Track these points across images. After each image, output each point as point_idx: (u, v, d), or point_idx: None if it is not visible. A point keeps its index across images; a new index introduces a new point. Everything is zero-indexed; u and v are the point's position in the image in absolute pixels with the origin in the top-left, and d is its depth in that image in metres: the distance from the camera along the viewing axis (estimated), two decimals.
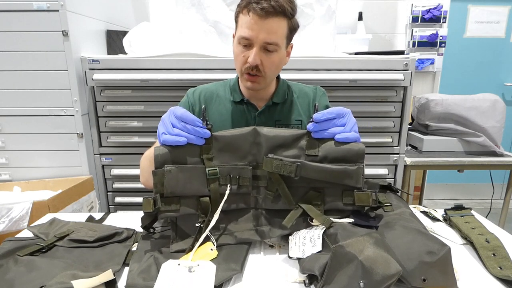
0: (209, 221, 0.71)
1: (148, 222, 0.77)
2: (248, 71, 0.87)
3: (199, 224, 0.72)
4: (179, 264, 0.64)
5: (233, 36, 0.92)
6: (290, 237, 0.72)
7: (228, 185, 0.74)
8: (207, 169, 0.73)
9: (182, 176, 0.72)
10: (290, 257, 0.69)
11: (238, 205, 0.76)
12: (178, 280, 0.60)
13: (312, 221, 0.72)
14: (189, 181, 0.72)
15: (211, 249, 0.70)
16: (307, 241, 0.68)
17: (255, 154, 0.75)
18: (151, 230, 0.80)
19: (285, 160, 0.72)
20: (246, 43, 0.84)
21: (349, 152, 0.73)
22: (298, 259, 0.67)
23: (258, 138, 0.75)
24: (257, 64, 0.84)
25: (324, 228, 0.68)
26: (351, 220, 0.71)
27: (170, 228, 0.75)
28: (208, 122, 0.74)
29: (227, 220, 0.76)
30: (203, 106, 0.77)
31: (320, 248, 0.65)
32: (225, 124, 0.98)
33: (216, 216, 0.71)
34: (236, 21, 0.88)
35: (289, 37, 0.89)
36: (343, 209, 0.74)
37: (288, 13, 0.82)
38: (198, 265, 0.63)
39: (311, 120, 0.74)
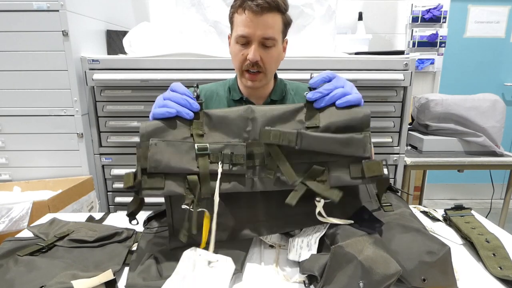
0: (198, 200, 0.65)
1: (134, 208, 0.71)
2: (248, 68, 0.88)
3: (186, 207, 0.64)
4: (200, 255, 0.62)
5: (229, 38, 0.93)
6: (290, 239, 0.72)
7: (220, 163, 0.67)
8: (196, 145, 0.67)
9: (168, 150, 0.65)
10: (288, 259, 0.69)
11: (233, 186, 0.68)
12: (196, 271, 0.59)
13: (317, 199, 0.66)
14: (176, 156, 0.66)
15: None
16: (304, 245, 0.68)
17: (249, 131, 0.69)
18: (134, 221, 0.74)
19: (284, 130, 0.66)
20: (244, 41, 0.86)
21: (354, 119, 0.66)
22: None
23: (253, 114, 0.69)
24: (257, 60, 0.85)
25: (324, 231, 0.68)
26: (351, 221, 0.68)
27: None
28: (200, 98, 0.71)
29: (223, 214, 0.70)
30: (196, 84, 0.75)
31: (315, 252, 0.65)
32: None
33: (216, 200, 0.64)
34: (231, 22, 0.90)
35: (284, 32, 0.90)
36: (350, 184, 0.66)
37: (282, 8, 0.84)
38: (217, 260, 0.62)
39: (308, 88, 0.70)
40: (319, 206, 0.66)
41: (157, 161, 0.65)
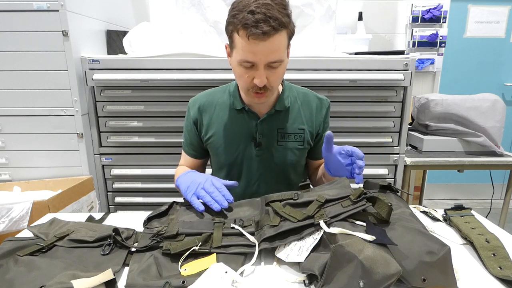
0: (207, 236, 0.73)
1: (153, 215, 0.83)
2: (255, 90, 0.85)
3: (196, 248, 0.70)
4: (226, 272, 0.62)
5: (226, 47, 0.88)
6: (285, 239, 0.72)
7: (232, 224, 0.76)
8: (214, 222, 0.77)
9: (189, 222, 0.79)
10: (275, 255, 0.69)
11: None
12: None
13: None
14: (196, 225, 0.77)
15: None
16: (296, 249, 0.68)
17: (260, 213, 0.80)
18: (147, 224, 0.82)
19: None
20: (249, 66, 0.82)
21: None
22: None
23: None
24: (265, 84, 0.83)
25: (317, 240, 0.67)
26: (369, 237, 0.63)
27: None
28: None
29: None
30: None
31: (302, 260, 0.64)
32: (226, 131, 0.97)
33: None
34: (231, 39, 0.83)
35: (289, 44, 0.86)
36: (344, 211, 0.71)
37: (286, 23, 0.78)
38: (240, 282, 0.62)
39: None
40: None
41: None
